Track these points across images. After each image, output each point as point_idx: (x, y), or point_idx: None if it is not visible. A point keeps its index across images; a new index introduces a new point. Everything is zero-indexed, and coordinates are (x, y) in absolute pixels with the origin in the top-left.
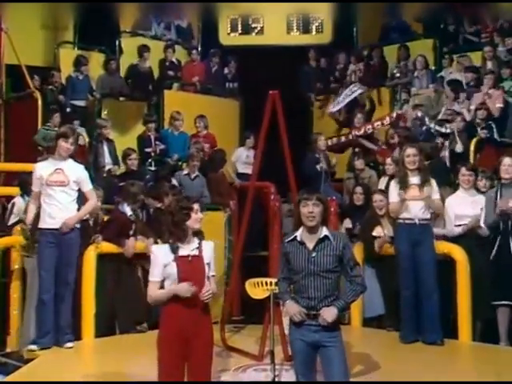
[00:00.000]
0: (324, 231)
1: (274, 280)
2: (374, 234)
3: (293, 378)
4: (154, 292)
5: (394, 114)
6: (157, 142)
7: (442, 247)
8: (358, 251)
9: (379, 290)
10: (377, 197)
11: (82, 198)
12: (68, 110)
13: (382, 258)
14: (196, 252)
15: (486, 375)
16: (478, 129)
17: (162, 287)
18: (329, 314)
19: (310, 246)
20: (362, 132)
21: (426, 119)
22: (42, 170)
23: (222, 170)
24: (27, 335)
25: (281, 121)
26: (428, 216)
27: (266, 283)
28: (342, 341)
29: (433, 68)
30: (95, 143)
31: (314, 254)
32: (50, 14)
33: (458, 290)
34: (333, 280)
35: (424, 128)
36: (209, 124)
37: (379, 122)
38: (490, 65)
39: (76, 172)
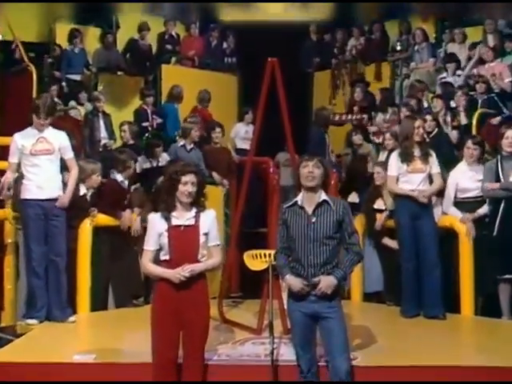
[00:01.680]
0: (323, 195)
1: (273, 252)
2: (375, 206)
3: (291, 352)
4: (147, 263)
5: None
6: (154, 116)
7: (444, 220)
8: (358, 224)
9: (379, 266)
10: (375, 169)
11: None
12: (63, 84)
13: (382, 232)
14: (191, 222)
15: (488, 349)
16: (479, 101)
17: (157, 256)
18: (327, 284)
19: (310, 210)
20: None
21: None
22: (24, 139)
23: (218, 143)
24: (21, 310)
25: (280, 89)
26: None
27: (265, 255)
28: (342, 312)
29: (433, 42)
30: (91, 117)
31: (313, 220)
32: None
33: (460, 264)
34: (332, 247)
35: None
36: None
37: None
38: (490, 39)
39: (59, 139)
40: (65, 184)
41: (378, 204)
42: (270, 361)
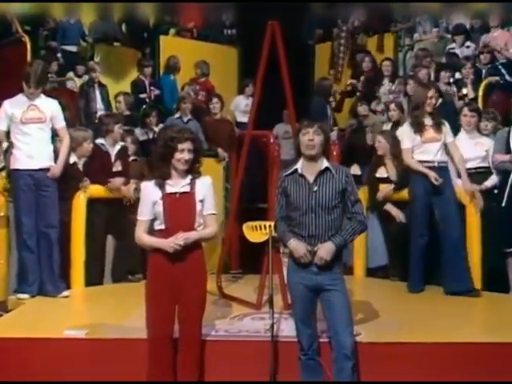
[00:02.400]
0: (325, 163)
1: (273, 223)
2: (377, 175)
3: (292, 328)
4: (141, 233)
5: None
6: (152, 88)
7: None
8: (361, 197)
9: (383, 240)
10: (377, 138)
11: None
12: (59, 55)
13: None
14: (187, 189)
15: (495, 326)
16: (483, 71)
17: (152, 227)
18: (325, 250)
19: (311, 178)
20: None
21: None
22: (14, 107)
23: (217, 114)
24: (13, 284)
25: (281, 52)
26: (446, 159)
27: (265, 227)
28: (344, 285)
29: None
30: (86, 88)
31: (315, 188)
32: None
33: (467, 237)
34: (335, 217)
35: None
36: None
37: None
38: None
39: (51, 107)
40: (56, 154)
41: (380, 172)
42: (269, 336)
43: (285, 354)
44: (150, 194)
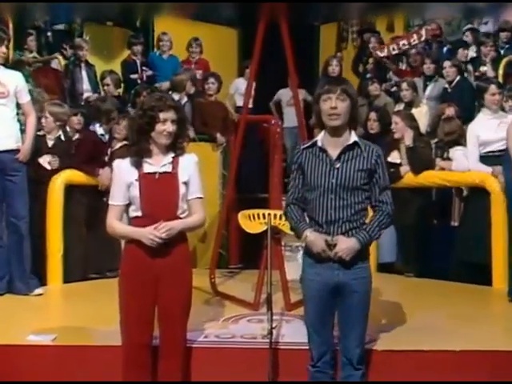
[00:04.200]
0: (353, 136)
1: (273, 212)
2: (390, 159)
3: (295, 333)
4: (112, 220)
5: (423, 31)
6: (143, 68)
7: (473, 176)
8: None
9: (393, 234)
10: (393, 119)
11: None
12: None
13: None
14: (168, 168)
15: None
16: (502, 51)
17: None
18: (347, 247)
19: (334, 154)
20: (385, 53)
21: None
22: None
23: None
24: None
25: (284, 32)
26: None
27: (264, 215)
28: (370, 282)
29: None
30: (72, 67)
31: (337, 165)
32: None
33: (492, 227)
34: (359, 201)
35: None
36: (204, 49)
37: (405, 41)
38: None
39: (15, 80)
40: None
41: (393, 157)
42: (267, 343)
43: (286, 364)
44: (123, 174)
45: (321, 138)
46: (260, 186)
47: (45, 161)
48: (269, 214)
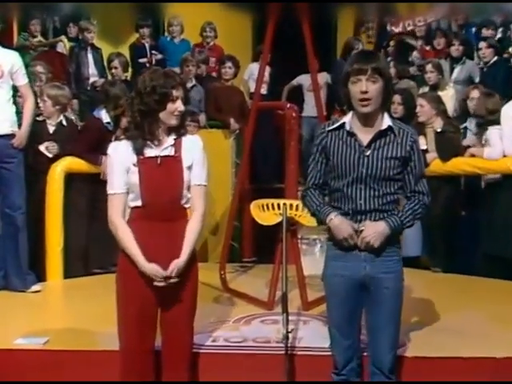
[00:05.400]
0: (386, 120)
1: (289, 201)
2: None
3: (313, 334)
4: (116, 217)
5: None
6: (153, 51)
7: (508, 162)
8: None
9: (419, 227)
10: (419, 101)
11: None
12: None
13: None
14: (170, 151)
15: None
16: None
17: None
18: (374, 231)
19: (364, 140)
20: (400, 28)
21: None
22: None
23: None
24: None
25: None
26: None
27: (278, 206)
28: (402, 279)
29: None
30: (77, 50)
31: (368, 152)
32: None
33: None
34: (391, 192)
35: None
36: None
37: (421, 18)
38: None
39: (10, 60)
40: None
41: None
42: (283, 348)
43: (304, 371)
44: (121, 158)
45: (349, 120)
46: (276, 176)
47: (45, 148)
48: (284, 204)
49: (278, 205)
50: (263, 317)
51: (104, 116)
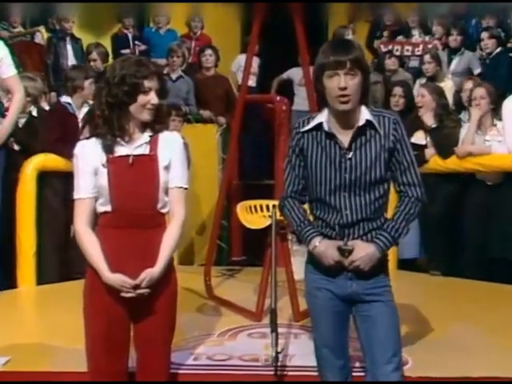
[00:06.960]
0: (364, 113)
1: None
2: (413, 140)
3: (305, 352)
4: (82, 226)
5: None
6: (136, 42)
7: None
8: None
9: (416, 227)
10: (420, 91)
11: None
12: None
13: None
14: (145, 150)
15: None
16: None
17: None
18: (365, 255)
19: (345, 139)
20: (388, 49)
21: None
22: None
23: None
24: None
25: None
26: None
27: (267, 207)
28: (391, 293)
29: None
30: (55, 41)
31: (350, 155)
32: None
33: None
34: (381, 195)
35: None
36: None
37: (410, 47)
38: None
39: None
40: None
41: (417, 137)
42: (272, 368)
43: None
44: (88, 158)
45: (325, 117)
46: (266, 172)
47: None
48: (273, 206)
49: (267, 206)
50: (251, 329)
51: (65, 100)
